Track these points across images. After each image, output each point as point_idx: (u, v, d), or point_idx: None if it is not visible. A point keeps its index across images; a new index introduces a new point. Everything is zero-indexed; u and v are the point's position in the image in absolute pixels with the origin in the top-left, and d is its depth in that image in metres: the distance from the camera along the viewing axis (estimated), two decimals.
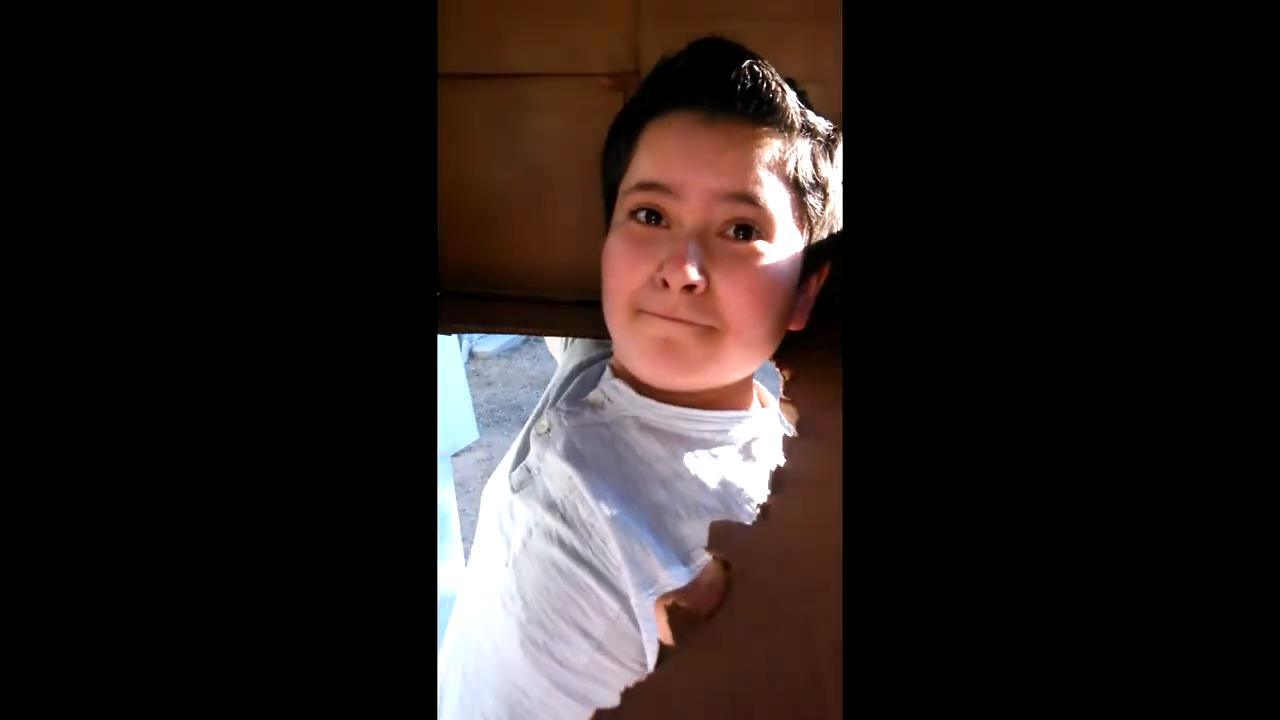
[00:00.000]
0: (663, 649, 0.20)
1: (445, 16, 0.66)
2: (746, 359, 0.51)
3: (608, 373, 0.59)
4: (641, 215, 0.49)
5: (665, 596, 0.20)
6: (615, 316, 0.52)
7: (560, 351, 0.84)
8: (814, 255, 0.51)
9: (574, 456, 0.54)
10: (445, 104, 0.68)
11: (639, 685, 0.19)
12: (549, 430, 0.57)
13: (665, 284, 0.47)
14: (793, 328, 0.53)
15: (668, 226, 0.49)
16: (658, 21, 0.64)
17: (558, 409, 0.58)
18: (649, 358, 0.50)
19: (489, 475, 0.55)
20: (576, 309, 0.67)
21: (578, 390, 0.63)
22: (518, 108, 0.68)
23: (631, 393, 0.56)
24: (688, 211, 0.47)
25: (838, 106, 0.67)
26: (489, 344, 4.70)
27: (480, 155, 0.68)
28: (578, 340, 0.75)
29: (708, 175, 0.47)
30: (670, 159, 0.48)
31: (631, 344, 0.51)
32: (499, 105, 0.67)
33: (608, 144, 0.55)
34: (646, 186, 0.49)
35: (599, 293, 0.55)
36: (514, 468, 0.61)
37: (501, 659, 0.53)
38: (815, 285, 0.54)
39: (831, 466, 0.33)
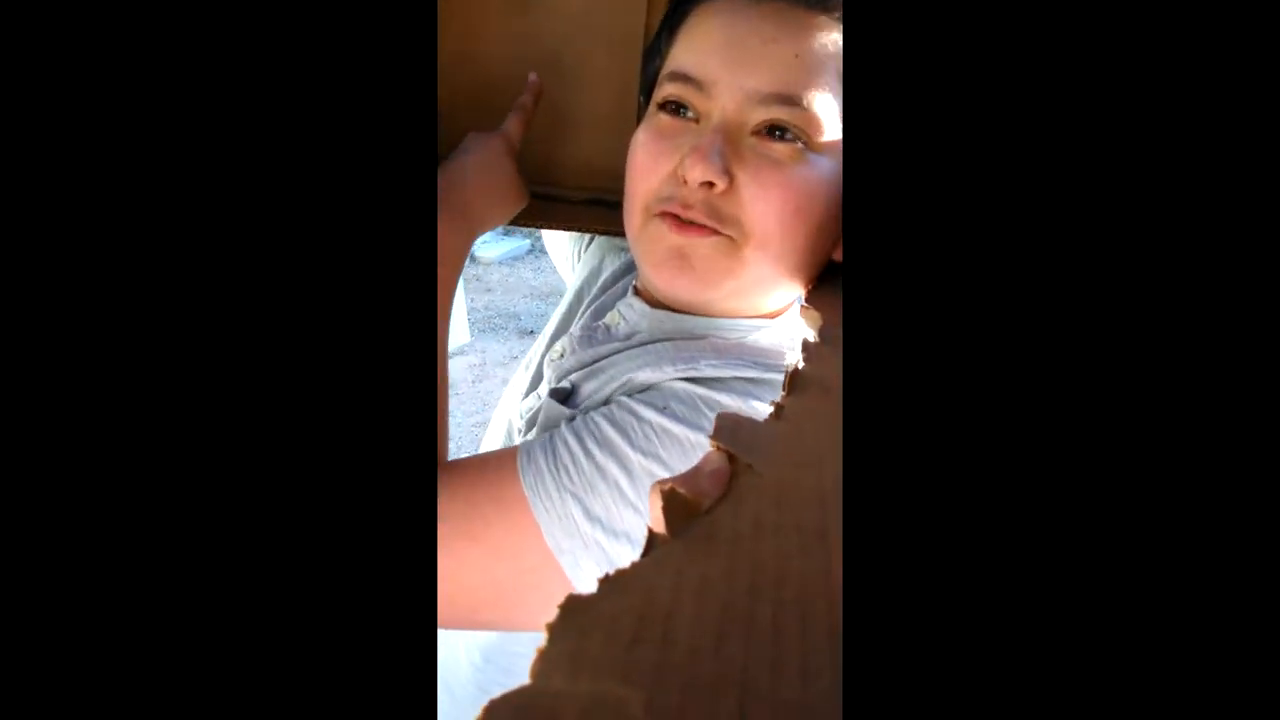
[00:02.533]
0: (652, 538, 0.17)
1: None
2: (770, 279, 0.46)
3: (629, 292, 0.55)
4: (670, 107, 0.45)
5: (663, 482, 0.17)
6: (631, 219, 0.47)
7: (567, 265, 0.80)
8: None
9: (567, 396, 0.50)
10: None
11: (620, 573, 0.16)
12: (562, 356, 0.54)
13: (686, 181, 0.42)
14: (837, 257, 0.48)
15: (696, 120, 0.44)
16: None
17: (571, 335, 0.55)
18: (661, 268, 0.45)
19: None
20: (588, 207, 0.63)
21: (597, 313, 0.60)
22: None
23: (645, 306, 0.51)
24: (718, 108, 0.42)
25: None
26: (491, 250, 4.62)
27: (492, 31, 0.63)
28: (590, 252, 0.72)
29: (743, 72, 0.42)
30: (707, 49, 0.43)
31: (644, 253, 0.47)
32: None
33: (655, 36, 0.50)
34: (677, 77, 0.44)
35: (613, 191, 0.51)
36: (526, 394, 0.58)
37: None
38: None
39: None
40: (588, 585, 0.40)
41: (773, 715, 0.13)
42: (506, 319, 3.72)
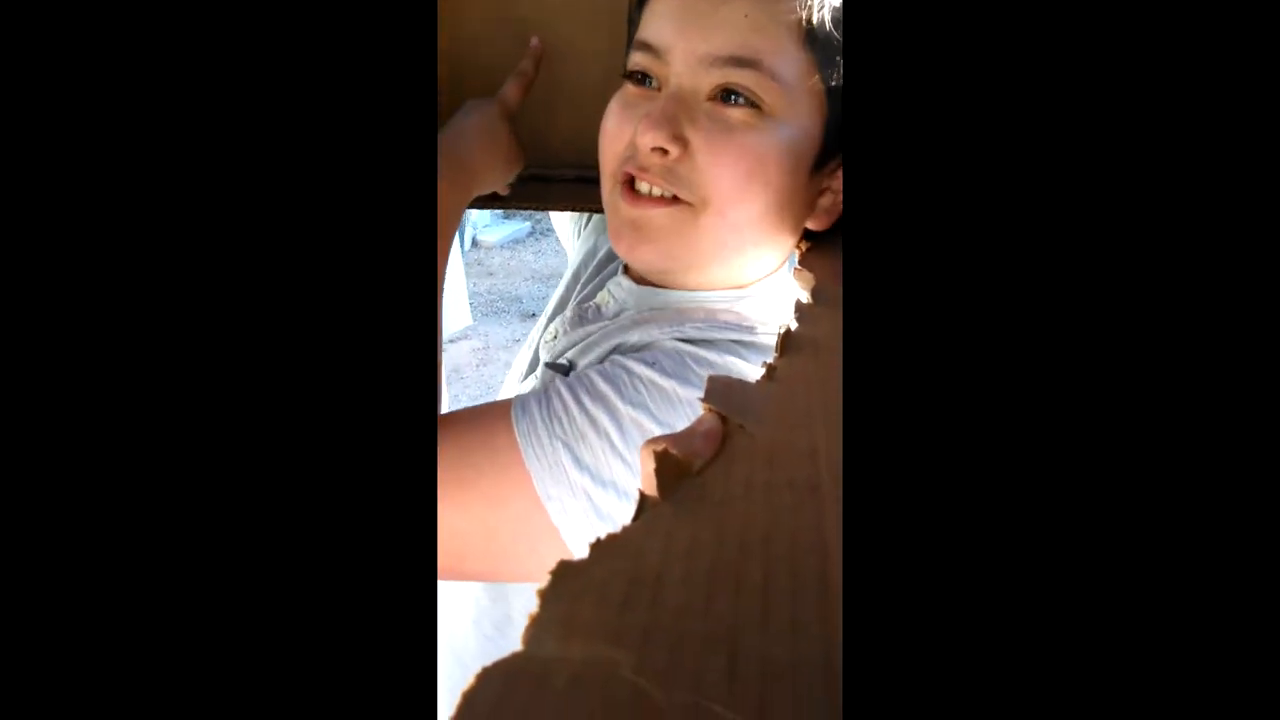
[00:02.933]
0: (643, 500, 0.17)
1: None
2: (732, 246, 0.46)
3: (619, 272, 0.55)
4: (636, 77, 0.45)
5: (655, 441, 0.17)
6: (603, 189, 0.48)
7: (570, 245, 0.80)
8: (836, 139, 0.44)
9: (567, 371, 0.51)
10: None
11: (611, 537, 0.16)
12: (555, 338, 0.55)
13: (639, 148, 0.43)
14: (811, 225, 0.47)
15: (659, 88, 0.44)
16: None
17: (564, 316, 0.55)
18: (619, 238, 0.46)
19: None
20: (582, 186, 0.63)
21: (590, 293, 0.60)
22: None
23: (632, 284, 0.52)
24: (674, 74, 0.43)
25: None
26: (493, 233, 4.61)
27: (477, 14, 0.62)
28: (588, 232, 0.71)
29: (695, 36, 0.42)
30: (665, 15, 0.43)
31: (609, 223, 0.47)
32: None
33: (630, 10, 0.50)
34: (639, 46, 0.44)
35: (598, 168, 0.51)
36: (525, 376, 0.58)
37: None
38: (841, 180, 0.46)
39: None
40: (573, 534, 0.41)
41: (761, 671, 0.13)
42: (508, 302, 3.71)
